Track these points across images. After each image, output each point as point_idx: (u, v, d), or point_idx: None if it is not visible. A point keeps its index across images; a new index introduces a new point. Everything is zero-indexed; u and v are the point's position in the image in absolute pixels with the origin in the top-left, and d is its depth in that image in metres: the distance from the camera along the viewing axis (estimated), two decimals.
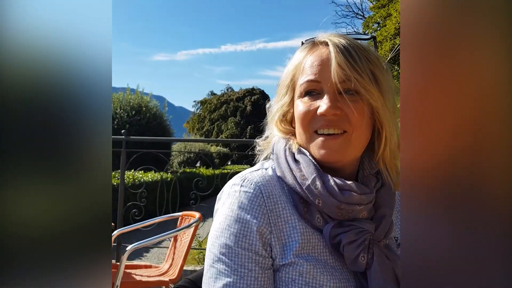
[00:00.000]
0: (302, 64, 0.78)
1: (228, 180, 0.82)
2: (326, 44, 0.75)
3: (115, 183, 6.09)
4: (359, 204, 0.72)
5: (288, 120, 0.84)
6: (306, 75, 0.76)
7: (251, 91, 34.36)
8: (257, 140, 0.89)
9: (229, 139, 28.02)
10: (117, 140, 3.79)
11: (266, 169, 0.80)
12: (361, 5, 22.34)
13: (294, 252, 0.71)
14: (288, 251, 0.72)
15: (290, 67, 0.81)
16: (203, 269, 0.78)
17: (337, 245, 0.72)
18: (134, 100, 11.80)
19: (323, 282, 0.70)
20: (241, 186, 0.75)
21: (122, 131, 3.88)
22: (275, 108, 0.84)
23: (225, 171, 15.13)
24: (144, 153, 3.92)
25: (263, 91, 34.73)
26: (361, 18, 21.63)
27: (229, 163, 21.24)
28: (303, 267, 0.70)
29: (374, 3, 18.27)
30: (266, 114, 0.87)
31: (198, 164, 15.76)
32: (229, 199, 0.75)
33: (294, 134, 0.81)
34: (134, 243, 3.74)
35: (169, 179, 5.10)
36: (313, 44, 0.79)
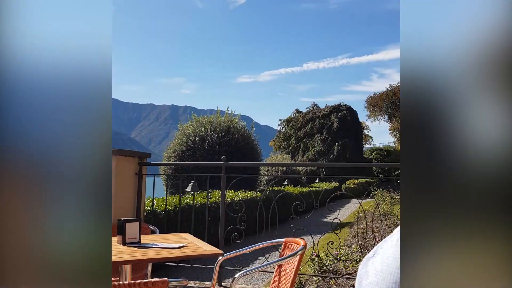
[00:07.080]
0: None
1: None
2: None
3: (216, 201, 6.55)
4: None
5: None
6: None
7: (337, 108, 33.43)
8: None
9: (317, 163, 27.81)
10: (217, 165, 4.07)
11: None
12: None
13: None
14: None
15: None
16: None
17: None
18: (224, 122, 12.30)
19: None
20: None
21: (222, 157, 4.02)
22: None
23: (313, 188, 15.05)
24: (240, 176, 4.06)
25: (350, 106, 33.51)
26: None
27: (317, 180, 20.94)
28: None
29: None
30: (353, 130, 0.80)
31: (285, 182, 15.84)
32: None
33: None
34: (236, 266, 3.88)
35: (263, 198, 5.21)
36: None
